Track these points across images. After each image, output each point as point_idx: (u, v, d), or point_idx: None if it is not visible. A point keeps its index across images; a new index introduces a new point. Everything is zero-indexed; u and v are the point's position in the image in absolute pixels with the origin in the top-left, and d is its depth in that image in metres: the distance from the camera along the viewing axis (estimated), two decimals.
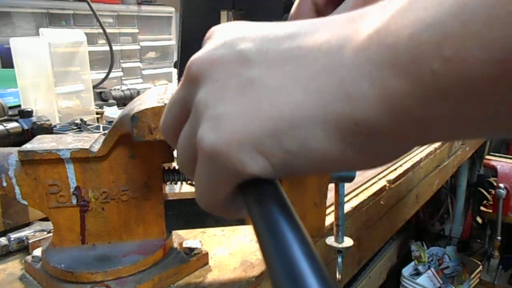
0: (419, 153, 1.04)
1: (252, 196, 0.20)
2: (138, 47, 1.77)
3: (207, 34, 0.24)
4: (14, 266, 0.51)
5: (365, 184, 0.82)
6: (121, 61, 1.70)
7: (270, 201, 0.19)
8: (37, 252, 0.49)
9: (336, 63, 0.17)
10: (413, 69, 0.15)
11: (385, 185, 0.84)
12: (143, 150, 0.46)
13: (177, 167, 0.50)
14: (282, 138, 0.19)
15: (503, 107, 0.14)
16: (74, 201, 0.47)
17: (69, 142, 0.47)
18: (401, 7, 0.16)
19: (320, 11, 0.32)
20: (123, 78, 1.70)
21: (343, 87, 0.17)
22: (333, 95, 0.17)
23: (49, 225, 0.56)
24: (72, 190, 0.46)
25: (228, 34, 0.21)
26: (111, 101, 1.21)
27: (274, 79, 0.19)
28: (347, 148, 0.18)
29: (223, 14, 0.42)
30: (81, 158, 0.45)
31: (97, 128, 0.92)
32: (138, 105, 0.42)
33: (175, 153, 0.48)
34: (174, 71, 1.54)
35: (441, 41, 0.14)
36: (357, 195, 0.77)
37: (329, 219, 0.60)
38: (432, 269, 1.59)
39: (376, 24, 0.16)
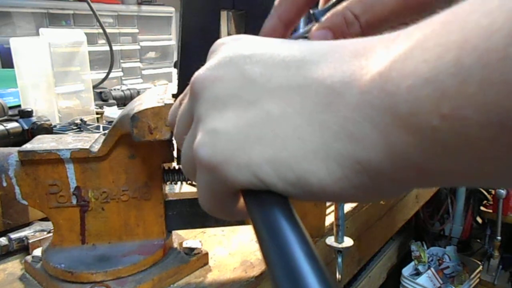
0: None
1: (252, 196, 0.20)
2: (138, 47, 1.77)
3: (213, 47, 0.24)
4: (14, 266, 0.51)
5: None
6: (121, 61, 1.70)
7: (270, 201, 0.19)
8: (37, 252, 0.49)
9: (339, 101, 0.17)
10: (412, 121, 0.15)
11: None
12: (143, 150, 0.46)
13: (177, 167, 0.50)
14: (281, 168, 0.18)
15: (501, 164, 0.14)
16: (74, 201, 0.47)
17: (69, 142, 0.47)
18: (403, 52, 0.16)
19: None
20: (123, 78, 1.70)
21: (346, 126, 0.17)
22: (337, 132, 0.17)
23: (49, 225, 0.56)
24: (72, 190, 0.46)
25: (234, 51, 0.21)
26: (111, 101, 1.21)
27: (277, 106, 0.19)
28: (348, 185, 0.18)
29: (223, 14, 0.42)
30: (81, 158, 0.45)
31: (97, 128, 0.92)
32: (138, 105, 0.42)
33: (175, 153, 0.48)
34: (174, 71, 1.54)
35: (439, 99, 0.14)
36: None
37: (329, 219, 0.60)
38: (432, 269, 1.58)
39: (379, 66, 0.16)
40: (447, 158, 0.15)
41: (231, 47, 0.22)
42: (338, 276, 0.56)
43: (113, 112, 1.08)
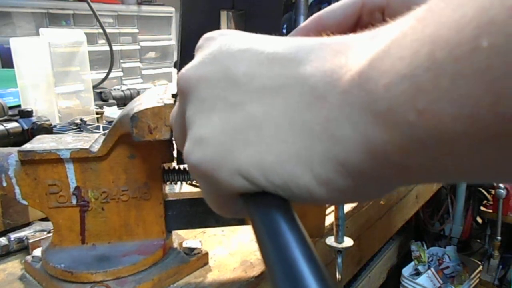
0: None
1: (251, 196, 0.20)
2: (138, 47, 1.77)
3: (199, 42, 0.23)
4: (14, 266, 0.51)
5: None
6: (121, 61, 1.70)
7: (269, 201, 0.19)
8: (37, 252, 0.49)
9: (321, 102, 0.17)
10: (390, 118, 0.15)
11: None
12: (143, 150, 0.46)
13: (177, 167, 0.50)
14: (268, 172, 0.18)
15: (477, 159, 0.14)
16: (74, 201, 0.47)
17: (69, 142, 0.47)
18: (381, 50, 0.16)
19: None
20: (123, 78, 1.70)
21: (328, 127, 0.17)
22: (319, 134, 0.17)
23: (49, 225, 0.56)
24: (72, 190, 0.46)
25: (218, 47, 0.21)
26: (111, 101, 1.21)
27: (260, 108, 0.19)
28: (333, 188, 0.18)
29: (223, 14, 0.42)
30: (81, 158, 0.45)
31: (97, 128, 0.92)
32: (138, 105, 0.42)
33: (174, 153, 0.48)
34: (174, 71, 1.54)
35: (415, 94, 0.14)
36: None
37: (329, 219, 0.60)
38: (432, 269, 1.58)
39: (359, 64, 0.16)
40: (424, 154, 0.15)
41: (216, 43, 0.22)
42: (338, 276, 0.56)
43: (113, 112, 1.08)
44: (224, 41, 0.21)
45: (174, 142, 0.44)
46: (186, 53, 0.42)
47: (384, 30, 0.17)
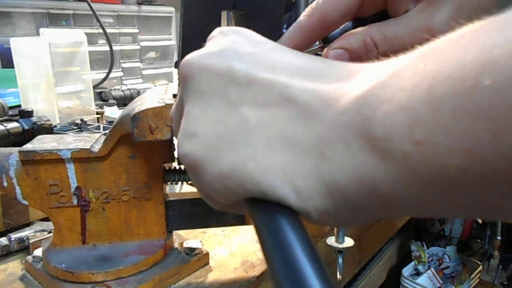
0: None
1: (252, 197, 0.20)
2: (138, 47, 1.76)
3: (212, 34, 0.24)
4: (14, 266, 0.51)
5: None
6: (121, 61, 1.70)
7: (272, 202, 0.19)
8: (38, 252, 0.49)
9: (316, 119, 0.17)
10: (384, 146, 0.15)
11: None
12: (143, 150, 0.46)
13: (178, 167, 0.50)
14: (247, 178, 0.18)
15: (472, 195, 0.14)
16: (75, 201, 0.47)
17: (70, 142, 0.47)
18: (382, 80, 0.16)
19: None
20: (123, 78, 1.70)
21: (318, 145, 0.17)
22: (308, 149, 0.17)
23: (49, 225, 0.56)
24: (72, 190, 0.46)
25: (229, 44, 0.21)
26: (111, 101, 1.21)
27: (255, 113, 0.19)
28: (311, 206, 0.18)
29: (224, 14, 0.42)
30: (82, 158, 0.45)
31: (98, 128, 0.92)
32: (139, 105, 0.42)
33: (175, 153, 0.48)
34: (175, 71, 1.54)
35: (413, 125, 0.14)
36: None
37: None
38: (432, 269, 1.58)
39: (359, 90, 0.17)
40: (416, 187, 0.15)
41: (227, 39, 0.22)
42: (338, 276, 0.56)
43: (113, 112, 1.08)
44: (236, 39, 0.22)
45: (175, 141, 0.44)
46: (186, 53, 0.42)
47: (386, 63, 0.17)
